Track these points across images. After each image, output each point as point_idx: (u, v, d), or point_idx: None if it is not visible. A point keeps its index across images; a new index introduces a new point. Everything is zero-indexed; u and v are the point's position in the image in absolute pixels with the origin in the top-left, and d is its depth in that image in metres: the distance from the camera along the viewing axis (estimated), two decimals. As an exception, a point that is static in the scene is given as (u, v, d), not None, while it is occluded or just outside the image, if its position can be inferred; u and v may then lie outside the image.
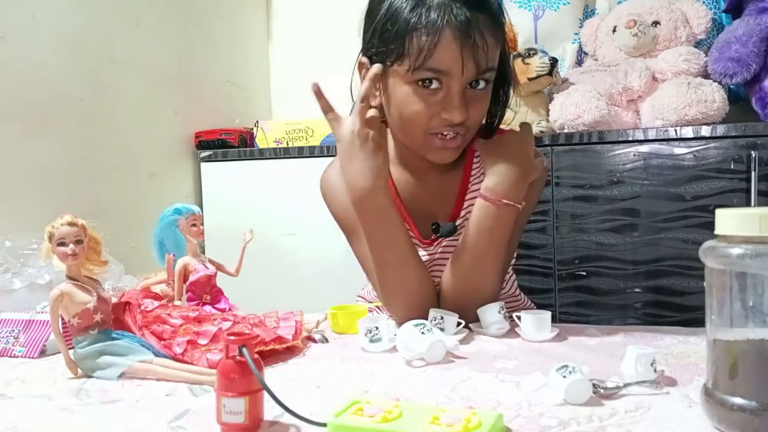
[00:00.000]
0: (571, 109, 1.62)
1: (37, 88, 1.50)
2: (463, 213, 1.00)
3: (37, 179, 1.50)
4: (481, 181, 0.95)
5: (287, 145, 2.00)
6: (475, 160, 1.02)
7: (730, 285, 0.53)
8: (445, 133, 0.90)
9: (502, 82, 0.96)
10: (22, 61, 1.47)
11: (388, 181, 0.94)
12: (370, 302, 1.20)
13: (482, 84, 0.89)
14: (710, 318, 0.56)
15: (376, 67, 0.87)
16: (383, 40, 0.89)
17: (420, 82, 0.88)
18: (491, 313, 0.92)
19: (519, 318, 0.90)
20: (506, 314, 0.92)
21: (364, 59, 0.96)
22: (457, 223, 0.98)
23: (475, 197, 0.95)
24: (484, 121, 0.98)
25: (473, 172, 1.01)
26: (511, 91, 1.00)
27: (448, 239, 0.99)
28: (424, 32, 0.84)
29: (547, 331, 0.88)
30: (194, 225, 0.99)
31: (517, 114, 1.10)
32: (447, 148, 0.92)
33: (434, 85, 0.87)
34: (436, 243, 1.00)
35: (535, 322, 0.88)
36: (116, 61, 1.74)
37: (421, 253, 0.98)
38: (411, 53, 0.86)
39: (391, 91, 0.92)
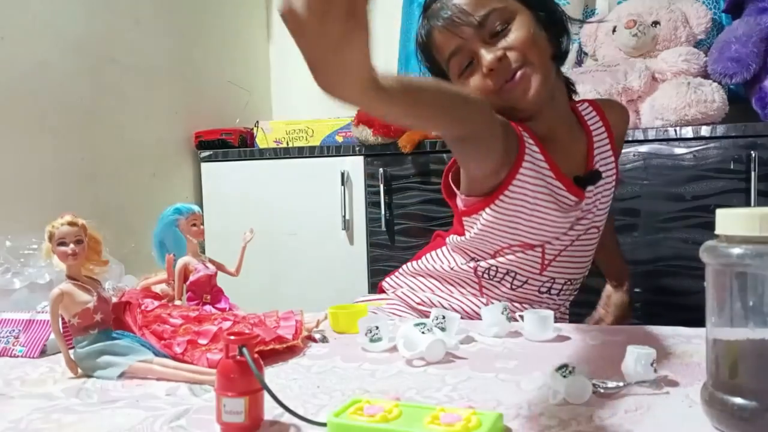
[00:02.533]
0: (571, 109, 1.62)
1: (37, 88, 1.51)
2: (596, 161, 1.03)
3: (37, 179, 1.50)
4: (602, 138, 1.04)
5: (287, 145, 2.00)
6: (585, 116, 1.05)
7: (730, 285, 0.53)
8: (507, 78, 0.92)
9: (547, 19, 0.96)
10: (22, 61, 1.47)
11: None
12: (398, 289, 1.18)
13: (500, 27, 0.93)
14: (710, 318, 0.56)
15: None
16: (433, 68, 1.01)
17: (462, 69, 0.95)
18: (494, 314, 0.92)
19: (522, 318, 0.91)
20: (509, 315, 0.92)
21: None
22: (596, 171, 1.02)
23: (601, 151, 1.03)
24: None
25: (594, 131, 1.05)
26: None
27: (596, 187, 1.01)
28: (431, 43, 0.97)
29: (550, 331, 0.88)
30: (194, 225, 0.99)
31: None
32: (521, 86, 0.93)
33: (465, 62, 0.95)
34: (583, 201, 1.00)
35: (538, 322, 0.88)
36: (116, 61, 1.74)
37: (574, 213, 0.99)
38: (440, 61, 0.98)
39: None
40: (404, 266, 1.20)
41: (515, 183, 0.95)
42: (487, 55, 0.92)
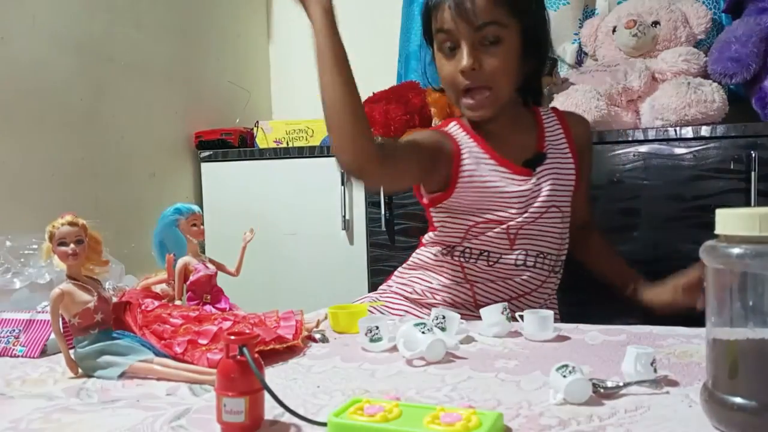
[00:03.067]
0: (571, 110, 1.62)
1: (37, 88, 1.50)
2: (546, 148, 1.14)
3: (37, 179, 1.50)
4: (556, 140, 1.16)
5: (287, 145, 2.00)
6: (543, 116, 1.18)
7: (730, 285, 0.53)
8: (465, 84, 1.04)
9: (533, 47, 1.08)
10: (22, 61, 1.47)
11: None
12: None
13: (490, 41, 1.03)
14: (710, 318, 0.56)
15: None
16: (425, 28, 1.12)
17: (442, 48, 1.07)
18: (494, 314, 0.92)
19: (522, 318, 0.91)
20: (509, 315, 0.92)
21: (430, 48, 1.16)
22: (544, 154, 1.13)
23: (555, 144, 1.15)
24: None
25: (546, 128, 1.17)
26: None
27: (544, 168, 1.12)
28: (433, 6, 1.07)
29: (550, 331, 0.88)
30: (194, 225, 0.99)
31: None
32: (477, 106, 1.06)
33: (450, 45, 1.05)
34: (532, 177, 1.11)
35: (538, 322, 0.89)
36: (116, 61, 1.74)
37: (522, 188, 1.10)
38: (434, 26, 1.08)
39: (437, 65, 1.11)
40: (396, 271, 1.29)
41: (462, 174, 1.10)
42: (466, 59, 1.03)
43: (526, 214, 1.11)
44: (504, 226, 1.11)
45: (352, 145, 0.97)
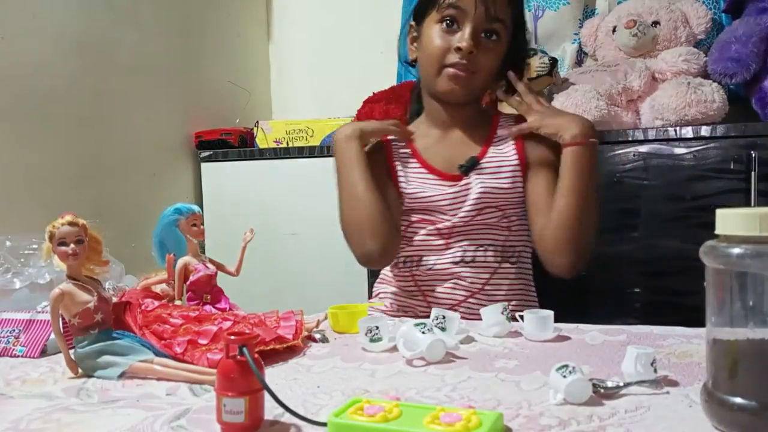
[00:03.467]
0: (570, 110, 1.61)
1: (37, 88, 1.50)
2: (488, 155, 1.17)
3: (37, 179, 1.50)
4: (504, 145, 1.17)
5: (287, 145, 2.00)
6: (499, 125, 1.20)
7: (730, 285, 0.53)
8: (454, 61, 1.08)
9: (516, 58, 1.17)
10: (22, 61, 1.46)
11: (362, 145, 1.15)
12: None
13: (493, 36, 1.09)
14: (710, 318, 0.56)
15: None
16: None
17: (443, 22, 1.09)
18: (494, 314, 0.92)
19: (522, 318, 0.91)
20: (509, 315, 0.92)
21: (412, 22, 1.20)
22: (481, 161, 1.15)
23: (500, 143, 1.17)
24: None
25: (499, 128, 1.20)
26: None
27: (472, 174, 1.15)
28: None
29: (550, 331, 0.88)
30: (194, 225, 0.99)
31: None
32: (457, 76, 1.09)
33: (453, 25, 1.09)
34: (462, 178, 1.15)
35: (538, 322, 0.88)
36: (116, 61, 1.74)
37: (449, 191, 1.15)
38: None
39: (423, 36, 1.14)
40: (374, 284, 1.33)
41: (399, 179, 1.18)
42: (468, 40, 1.07)
43: (455, 218, 1.14)
44: (434, 227, 1.16)
45: (383, 237, 1.11)
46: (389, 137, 1.22)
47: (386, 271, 1.27)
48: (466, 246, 1.15)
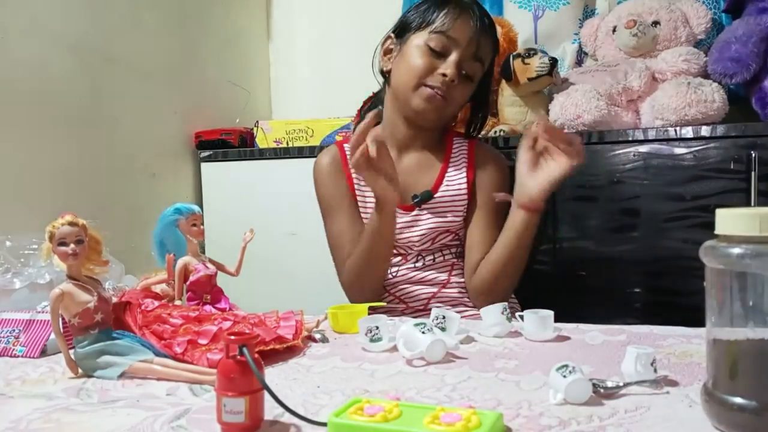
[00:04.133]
0: (571, 109, 1.62)
1: (37, 88, 1.50)
2: (441, 188, 1.22)
3: (37, 179, 1.50)
4: (460, 164, 1.23)
5: (287, 145, 2.00)
6: (454, 145, 1.26)
7: (730, 285, 0.53)
8: (435, 84, 1.13)
9: (482, 100, 1.27)
10: (21, 61, 1.46)
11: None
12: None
13: (469, 75, 1.16)
14: (710, 318, 0.56)
15: (371, 115, 1.04)
16: (416, 12, 1.18)
17: (431, 47, 1.14)
18: (494, 314, 0.92)
19: (522, 318, 0.91)
20: (509, 315, 0.92)
21: (391, 34, 1.23)
22: (435, 195, 1.21)
23: (454, 174, 1.22)
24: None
25: (452, 156, 1.25)
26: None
27: (424, 206, 1.21)
28: (453, 9, 1.15)
29: (550, 330, 0.88)
30: (194, 225, 0.99)
31: (516, 114, 1.26)
32: (434, 98, 1.14)
33: (439, 48, 1.13)
34: (414, 210, 1.21)
35: (538, 322, 0.88)
36: (116, 61, 1.74)
37: (401, 219, 1.19)
38: (435, 22, 1.14)
39: (405, 51, 1.17)
40: None
41: (358, 203, 1.25)
42: (452, 70, 1.13)
43: (407, 242, 1.21)
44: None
45: (369, 287, 1.18)
46: (348, 155, 1.23)
47: None
48: (425, 255, 1.23)
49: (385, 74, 1.24)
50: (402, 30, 1.20)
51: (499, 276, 1.14)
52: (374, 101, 1.38)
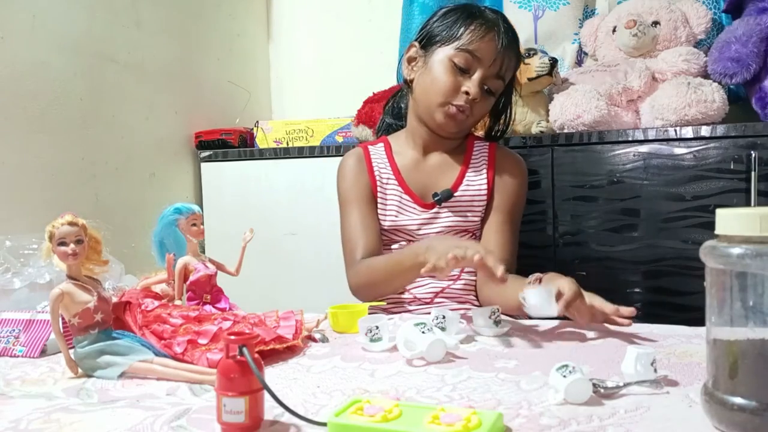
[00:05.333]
0: (571, 109, 1.62)
1: (37, 88, 1.50)
2: (461, 188, 1.23)
3: (37, 179, 1.50)
4: (480, 166, 1.25)
5: (287, 145, 2.00)
6: (475, 148, 1.27)
7: (730, 285, 0.53)
8: (459, 103, 1.15)
9: (503, 108, 1.28)
10: (22, 61, 1.46)
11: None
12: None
13: (491, 91, 1.18)
14: (710, 318, 0.56)
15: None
16: (442, 25, 1.19)
17: (456, 63, 1.15)
18: (482, 317, 0.92)
19: (524, 299, 0.89)
20: (498, 318, 0.92)
21: (415, 43, 1.24)
22: (455, 193, 1.22)
23: (474, 174, 1.24)
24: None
25: (473, 157, 1.26)
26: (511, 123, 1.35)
27: (444, 204, 1.22)
28: (479, 26, 1.15)
29: (554, 306, 0.86)
30: (194, 224, 0.99)
31: (516, 114, 1.36)
32: (456, 116, 1.16)
33: (463, 65, 1.14)
34: (434, 208, 1.23)
35: (542, 295, 0.87)
36: (116, 61, 1.74)
37: (419, 216, 1.23)
38: (462, 38, 1.15)
39: (431, 65, 1.18)
40: None
41: (378, 200, 1.25)
42: (476, 89, 1.15)
43: (425, 238, 1.20)
44: (405, 242, 1.24)
45: (380, 295, 1.18)
46: (372, 156, 1.27)
47: None
48: None
49: (408, 83, 1.25)
50: (427, 41, 1.21)
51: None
52: (395, 100, 1.39)
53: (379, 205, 1.25)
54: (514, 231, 1.25)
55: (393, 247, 1.26)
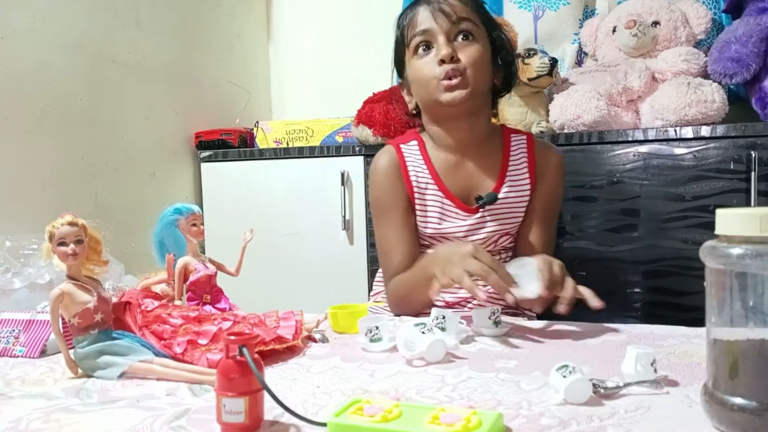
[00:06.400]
0: (571, 110, 1.62)
1: (37, 88, 1.50)
2: (504, 189, 1.16)
3: (37, 179, 1.50)
4: (520, 163, 1.18)
5: (287, 145, 2.00)
6: (512, 142, 1.20)
7: (730, 285, 0.53)
8: (445, 71, 1.08)
9: (499, 49, 1.16)
10: (22, 61, 1.47)
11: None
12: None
13: (468, 36, 1.10)
14: (710, 318, 0.56)
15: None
16: (396, 45, 1.20)
17: (417, 50, 1.12)
18: (482, 317, 0.92)
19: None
20: (498, 318, 0.92)
21: (399, 80, 1.24)
22: (499, 195, 1.15)
23: (515, 174, 1.17)
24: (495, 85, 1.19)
25: (512, 154, 1.18)
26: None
27: (488, 208, 1.15)
28: (409, 14, 1.14)
29: (538, 285, 0.87)
30: (194, 225, 0.99)
31: (516, 114, 1.23)
32: (451, 85, 1.08)
33: (428, 49, 1.11)
34: (478, 213, 1.16)
35: (524, 277, 0.88)
36: (116, 61, 1.74)
37: (465, 222, 1.16)
38: (407, 31, 1.13)
39: (410, 75, 1.16)
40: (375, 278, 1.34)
41: (416, 206, 1.17)
42: (445, 48, 1.08)
43: (471, 239, 1.15)
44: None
45: (419, 306, 1.10)
46: (406, 158, 1.18)
47: None
48: None
49: (416, 111, 1.21)
50: (400, 69, 1.20)
51: None
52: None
53: (418, 212, 1.17)
54: (553, 229, 1.21)
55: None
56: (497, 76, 1.16)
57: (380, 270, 1.27)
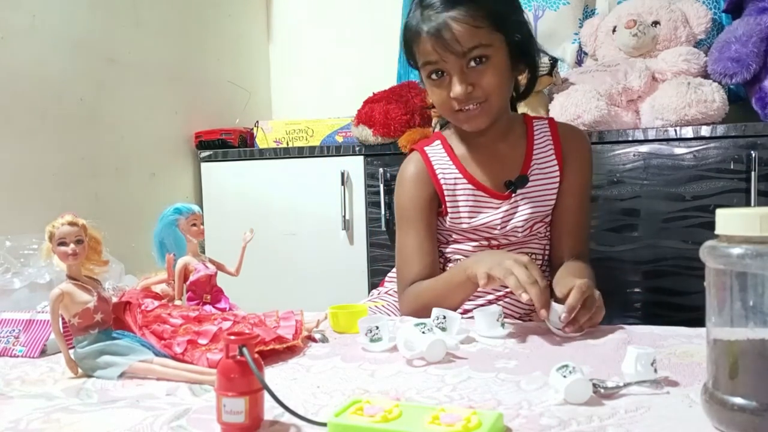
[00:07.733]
0: (571, 109, 1.62)
1: (37, 88, 1.50)
2: (532, 171, 1.15)
3: (37, 179, 1.50)
4: (545, 144, 1.16)
5: (287, 145, 2.00)
6: (535, 128, 1.18)
7: (730, 285, 0.53)
8: (461, 106, 1.07)
9: (521, 53, 1.10)
10: (22, 61, 1.46)
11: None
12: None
13: (482, 59, 1.04)
14: (710, 318, 0.56)
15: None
16: (404, 49, 1.14)
17: (431, 76, 1.08)
18: (488, 319, 0.92)
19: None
20: (503, 322, 0.92)
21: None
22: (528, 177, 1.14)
23: (542, 157, 1.15)
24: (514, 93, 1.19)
25: (536, 139, 1.17)
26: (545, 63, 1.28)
27: (519, 192, 1.14)
28: (415, 40, 1.08)
29: (501, 328, 0.90)
30: (194, 225, 0.99)
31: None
32: (471, 118, 1.08)
33: (442, 75, 1.06)
34: (511, 196, 1.15)
35: (489, 318, 0.91)
36: (116, 61, 1.74)
37: (499, 209, 1.14)
38: (418, 57, 1.09)
39: (426, 89, 1.15)
40: (387, 276, 1.35)
41: (447, 202, 1.16)
42: (458, 86, 1.04)
43: (505, 232, 1.15)
44: (485, 242, 1.17)
45: None
46: (432, 160, 1.17)
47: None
48: (513, 248, 1.15)
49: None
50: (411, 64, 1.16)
51: None
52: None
53: (450, 209, 1.15)
54: (588, 212, 1.19)
55: (471, 245, 1.17)
56: (519, 69, 1.13)
57: (393, 271, 1.27)
